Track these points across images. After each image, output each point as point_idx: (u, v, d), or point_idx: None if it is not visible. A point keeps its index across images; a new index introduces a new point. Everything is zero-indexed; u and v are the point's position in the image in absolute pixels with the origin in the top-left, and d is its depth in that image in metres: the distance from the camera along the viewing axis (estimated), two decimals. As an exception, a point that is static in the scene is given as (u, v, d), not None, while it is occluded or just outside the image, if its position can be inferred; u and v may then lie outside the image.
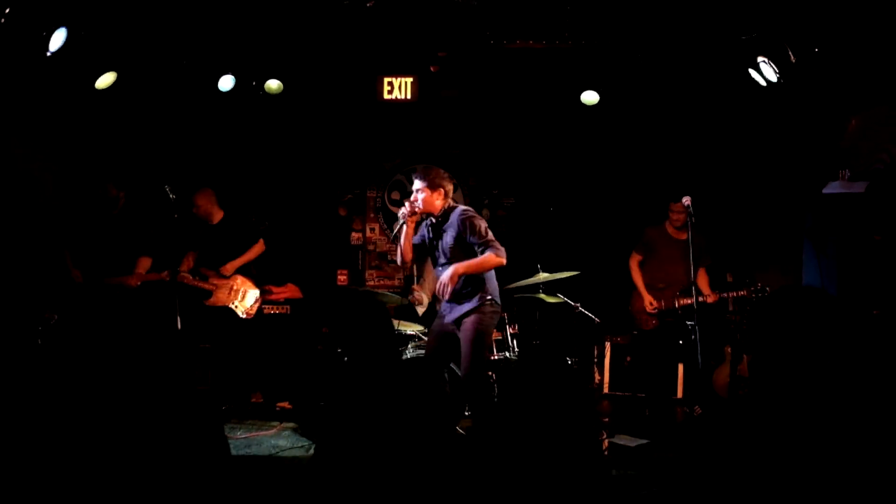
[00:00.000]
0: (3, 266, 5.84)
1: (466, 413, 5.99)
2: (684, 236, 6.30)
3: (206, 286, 6.43)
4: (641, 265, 6.76)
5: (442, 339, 5.07)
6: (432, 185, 5.06)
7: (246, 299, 6.53)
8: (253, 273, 6.73)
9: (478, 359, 4.87)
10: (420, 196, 5.06)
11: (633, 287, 6.77)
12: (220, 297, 6.48)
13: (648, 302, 6.59)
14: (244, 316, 6.49)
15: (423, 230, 5.22)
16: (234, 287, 6.51)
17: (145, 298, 6.28)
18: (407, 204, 5.06)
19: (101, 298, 6.13)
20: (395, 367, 2.84)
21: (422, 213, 5.09)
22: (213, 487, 2.31)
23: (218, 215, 6.64)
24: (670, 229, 6.60)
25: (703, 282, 6.46)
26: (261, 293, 6.67)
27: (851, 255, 5.54)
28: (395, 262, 5.31)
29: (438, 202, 5.05)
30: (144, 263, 6.33)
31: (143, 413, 2.33)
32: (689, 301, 6.16)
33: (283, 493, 4.44)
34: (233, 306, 6.45)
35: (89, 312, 6.09)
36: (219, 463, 2.40)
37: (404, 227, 5.08)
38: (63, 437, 2.25)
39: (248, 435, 5.78)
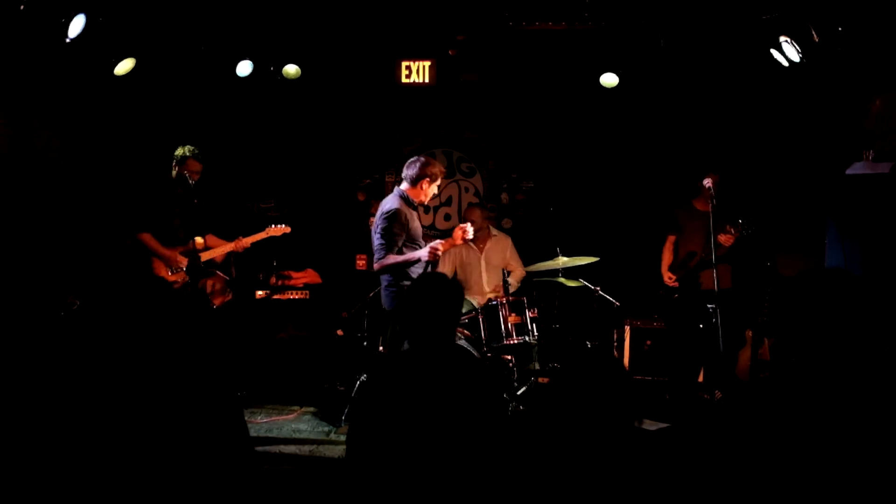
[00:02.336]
0: (21, 254, 5.87)
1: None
2: (708, 208, 6.26)
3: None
4: (675, 245, 6.60)
5: None
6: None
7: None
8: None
9: None
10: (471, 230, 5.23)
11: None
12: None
13: (667, 278, 6.52)
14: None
15: (415, 216, 5.23)
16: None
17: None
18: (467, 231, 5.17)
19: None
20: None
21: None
22: (234, 474, 2.32)
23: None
24: (696, 203, 6.39)
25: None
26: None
27: (876, 238, 5.46)
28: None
29: None
30: (212, 239, 6.26)
31: (162, 398, 2.34)
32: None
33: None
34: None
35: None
36: (239, 449, 2.41)
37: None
38: (81, 424, 2.26)
39: (268, 419, 5.81)
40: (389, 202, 5.12)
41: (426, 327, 2.81)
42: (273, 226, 6.31)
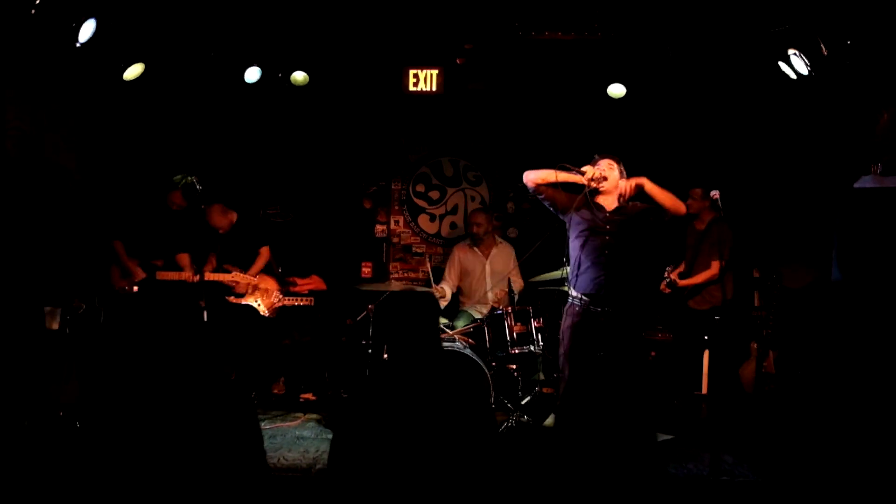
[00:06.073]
0: (28, 256, 5.89)
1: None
2: (701, 227, 6.36)
3: (229, 280, 6.43)
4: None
5: None
6: (622, 174, 5.08)
7: (267, 297, 6.55)
8: (277, 271, 6.77)
9: None
10: (610, 174, 5.01)
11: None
12: (242, 294, 6.52)
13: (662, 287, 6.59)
14: (265, 314, 6.50)
15: (589, 214, 5.02)
16: (257, 285, 6.53)
17: (175, 294, 6.36)
18: (593, 171, 4.97)
19: (156, 292, 6.41)
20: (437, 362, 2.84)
21: (592, 189, 4.98)
22: (249, 479, 2.31)
23: (232, 217, 6.74)
24: (696, 223, 6.55)
25: (706, 273, 6.34)
26: (283, 292, 6.68)
27: (882, 252, 5.45)
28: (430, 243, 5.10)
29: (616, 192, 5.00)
30: (185, 259, 6.56)
31: (178, 404, 2.34)
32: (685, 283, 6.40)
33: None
34: (255, 304, 6.48)
35: (145, 306, 6.30)
36: (254, 454, 2.41)
37: (570, 176, 5.03)
38: (99, 429, 2.26)
39: (272, 426, 5.81)
40: None
41: (400, 340, 2.86)
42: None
